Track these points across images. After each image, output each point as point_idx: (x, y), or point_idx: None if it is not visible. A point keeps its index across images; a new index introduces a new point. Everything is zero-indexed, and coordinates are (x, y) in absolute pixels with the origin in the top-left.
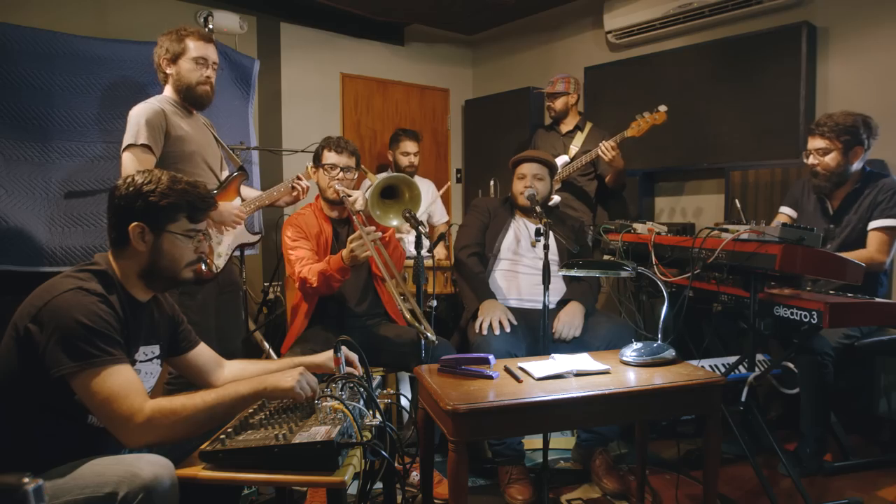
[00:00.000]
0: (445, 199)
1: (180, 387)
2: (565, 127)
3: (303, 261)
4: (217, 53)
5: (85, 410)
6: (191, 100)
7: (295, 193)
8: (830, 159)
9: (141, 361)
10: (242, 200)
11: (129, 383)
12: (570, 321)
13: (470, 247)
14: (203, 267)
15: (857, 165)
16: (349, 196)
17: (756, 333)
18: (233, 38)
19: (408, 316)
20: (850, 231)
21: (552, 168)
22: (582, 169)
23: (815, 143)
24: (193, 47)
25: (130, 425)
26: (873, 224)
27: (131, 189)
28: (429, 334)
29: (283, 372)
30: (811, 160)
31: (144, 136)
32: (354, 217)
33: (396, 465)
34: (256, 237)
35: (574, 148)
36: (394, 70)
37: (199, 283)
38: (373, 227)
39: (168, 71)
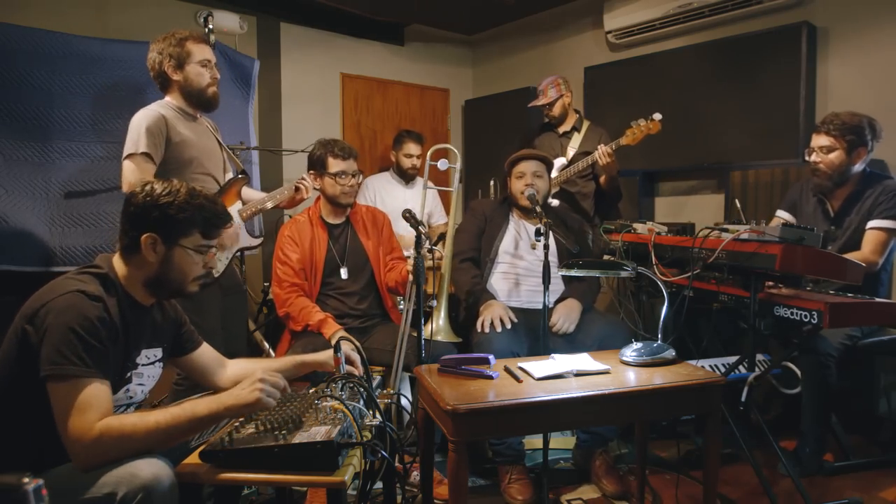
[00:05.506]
0: (445, 199)
1: (188, 387)
2: (563, 128)
3: (284, 284)
4: (212, 51)
5: None
6: (202, 103)
7: (298, 195)
8: (834, 157)
9: (143, 365)
10: (243, 204)
11: (91, 401)
12: (567, 314)
13: (463, 253)
14: None
15: (858, 167)
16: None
17: (756, 333)
18: (233, 38)
19: None
20: (852, 233)
21: (549, 164)
22: (580, 171)
23: (820, 140)
24: (197, 50)
25: (79, 444)
26: (871, 224)
27: (148, 198)
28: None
29: (238, 387)
30: (814, 157)
31: (144, 145)
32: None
33: (396, 465)
34: (258, 241)
35: (571, 150)
36: (394, 70)
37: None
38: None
39: (175, 78)
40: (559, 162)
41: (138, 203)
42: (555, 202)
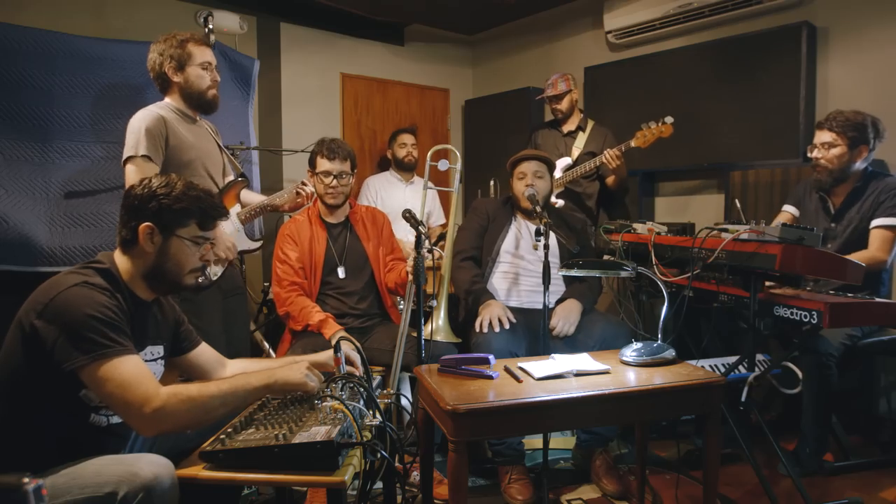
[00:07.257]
0: (445, 200)
1: None
2: (567, 127)
3: (284, 283)
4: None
5: (88, 409)
6: (202, 106)
7: (299, 200)
8: (835, 153)
9: (147, 361)
10: (242, 207)
11: (142, 371)
12: (566, 316)
13: (464, 251)
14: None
15: (860, 164)
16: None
17: (756, 333)
18: (233, 38)
19: None
20: (853, 230)
21: (550, 165)
22: (585, 173)
23: (822, 136)
24: (198, 53)
25: (146, 411)
26: (875, 222)
27: (146, 191)
28: None
29: (289, 366)
30: (816, 153)
31: (144, 147)
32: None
33: (396, 465)
34: (257, 244)
35: (577, 149)
36: (394, 70)
37: (196, 290)
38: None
39: (176, 79)
40: (564, 162)
41: (136, 195)
42: (559, 202)
